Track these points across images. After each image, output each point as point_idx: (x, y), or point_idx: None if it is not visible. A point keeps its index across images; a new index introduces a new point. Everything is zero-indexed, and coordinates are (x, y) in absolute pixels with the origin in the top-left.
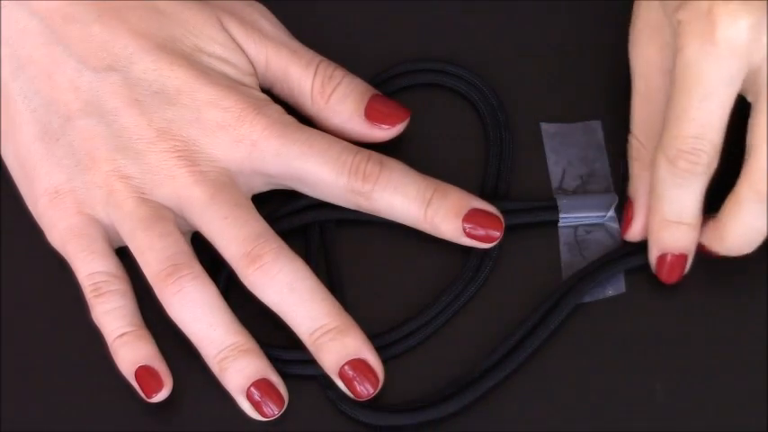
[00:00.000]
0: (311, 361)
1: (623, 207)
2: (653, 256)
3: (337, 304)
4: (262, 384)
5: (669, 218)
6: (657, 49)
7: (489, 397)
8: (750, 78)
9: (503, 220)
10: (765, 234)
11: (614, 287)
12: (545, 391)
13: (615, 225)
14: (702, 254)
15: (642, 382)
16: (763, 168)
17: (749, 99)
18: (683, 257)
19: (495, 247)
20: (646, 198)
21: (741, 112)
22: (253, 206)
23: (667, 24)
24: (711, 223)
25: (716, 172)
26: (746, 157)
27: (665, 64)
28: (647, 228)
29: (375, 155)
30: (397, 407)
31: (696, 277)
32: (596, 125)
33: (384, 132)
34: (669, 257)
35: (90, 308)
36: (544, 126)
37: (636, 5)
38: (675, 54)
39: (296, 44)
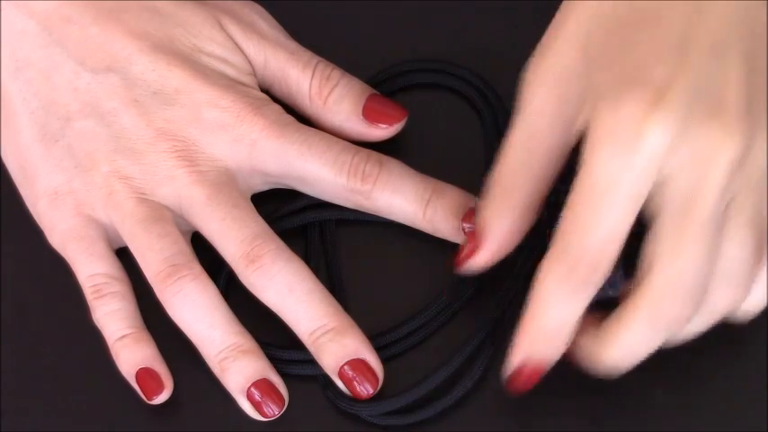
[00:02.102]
0: (311, 361)
1: (469, 238)
2: (514, 362)
3: (336, 304)
4: (262, 384)
5: (547, 331)
6: (560, 100)
7: (488, 396)
8: (654, 189)
9: None
10: (647, 353)
11: (614, 287)
12: (545, 390)
13: None
14: (570, 361)
15: (642, 383)
16: (663, 288)
17: (648, 211)
18: (542, 371)
19: None
20: (502, 236)
21: None
22: (252, 206)
23: (581, 85)
24: (591, 336)
25: None
26: (643, 273)
27: (564, 114)
28: (490, 262)
29: (374, 155)
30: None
31: None
32: None
33: (382, 132)
34: (529, 369)
35: (91, 309)
36: None
37: (552, 37)
38: (585, 150)
39: (294, 45)
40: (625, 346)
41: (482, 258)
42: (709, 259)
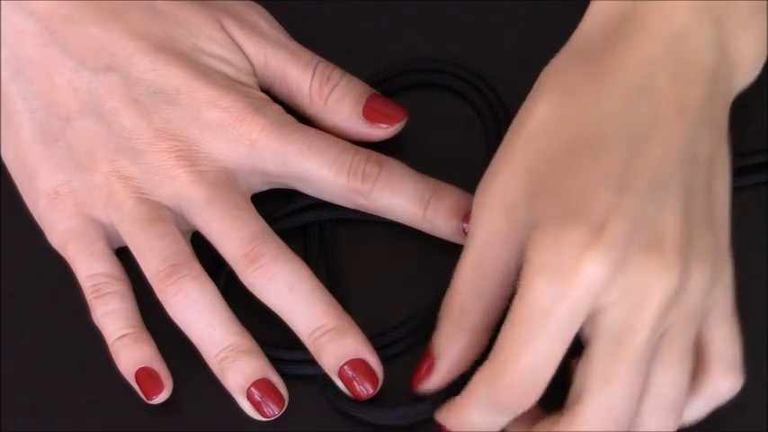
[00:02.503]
0: (311, 361)
1: (423, 358)
2: None
3: (336, 304)
4: (262, 384)
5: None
6: (507, 227)
7: None
8: (589, 318)
9: None
10: None
11: None
12: (545, 390)
13: None
14: None
15: None
16: (592, 416)
17: (583, 337)
18: None
19: None
20: (454, 362)
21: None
22: (252, 206)
23: (525, 213)
24: None
25: None
26: (573, 399)
27: (511, 240)
28: (441, 384)
29: (374, 155)
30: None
31: None
32: None
33: (382, 131)
34: None
35: (91, 309)
36: None
37: (499, 163)
38: (523, 276)
39: (294, 45)
40: None
41: (435, 381)
42: (638, 388)
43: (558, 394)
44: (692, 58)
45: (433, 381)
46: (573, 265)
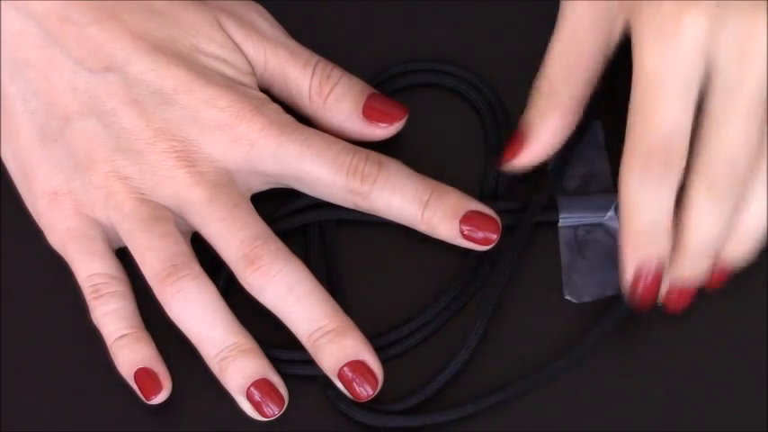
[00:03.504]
0: (311, 361)
1: (512, 136)
2: (629, 272)
3: (336, 305)
4: (262, 384)
5: (645, 229)
6: (597, 7)
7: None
8: (705, 81)
9: (500, 222)
10: (720, 233)
11: (614, 287)
12: (545, 390)
13: (615, 225)
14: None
15: (642, 382)
16: (716, 159)
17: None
18: (661, 273)
19: (493, 248)
20: (546, 135)
21: None
22: (252, 207)
23: None
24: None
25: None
26: (695, 154)
27: (601, 15)
28: (534, 162)
29: (374, 155)
30: (393, 408)
31: None
32: (596, 125)
33: (382, 131)
34: (644, 275)
35: (90, 309)
36: None
37: None
38: (634, 47)
39: (294, 44)
40: (699, 229)
41: (525, 157)
42: (755, 137)
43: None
44: None
45: (524, 157)
46: (675, 23)
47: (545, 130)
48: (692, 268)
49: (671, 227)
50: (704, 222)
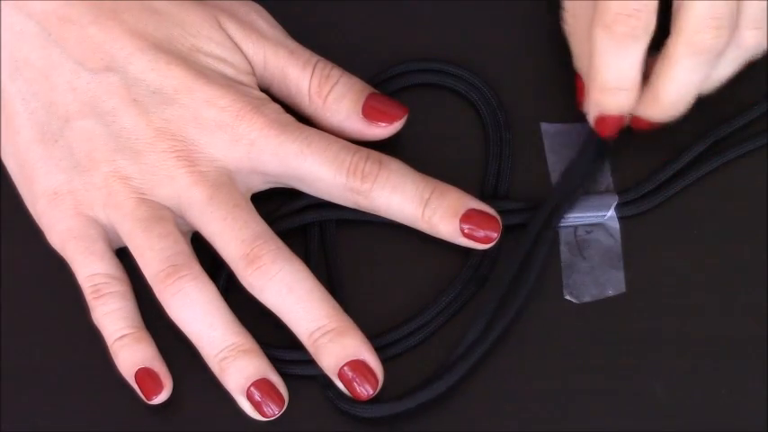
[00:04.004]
0: (311, 361)
1: (574, 81)
2: (592, 117)
3: (336, 305)
4: (262, 384)
5: (609, 85)
6: None
7: (489, 397)
8: None
9: (500, 221)
10: (698, 88)
11: (614, 287)
12: (545, 390)
13: (615, 225)
14: (637, 128)
15: (642, 382)
16: (697, 21)
17: None
18: (622, 117)
19: (493, 247)
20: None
21: None
22: (252, 206)
23: None
24: (645, 89)
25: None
26: (676, 11)
27: None
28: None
29: (374, 154)
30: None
31: (696, 277)
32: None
33: (382, 130)
34: (608, 119)
35: (90, 309)
36: (544, 126)
37: None
38: None
39: (293, 44)
40: (676, 83)
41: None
42: None
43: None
44: None
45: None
46: None
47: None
48: (661, 116)
49: (638, 81)
50: (681, 79)
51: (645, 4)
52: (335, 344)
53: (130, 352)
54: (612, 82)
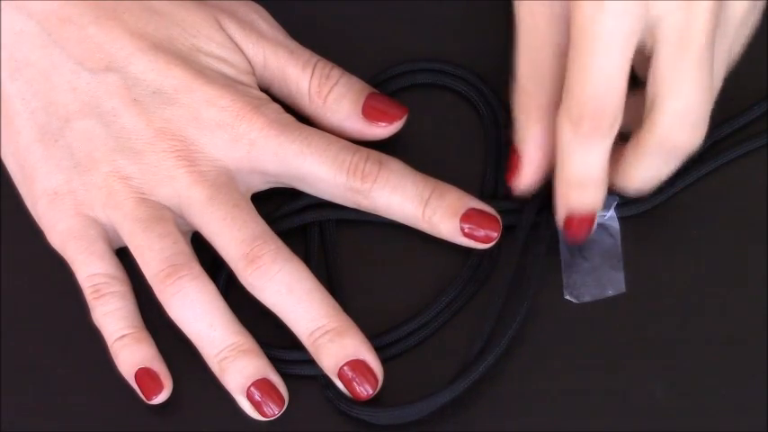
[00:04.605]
0: (311, 361)
1: (509, 156)
2: (560, 217)
3: (336, 305)
4: (262, 384)
5: (575, 181)
6: (549, 5)
7: (489, 398)
8: (648, 31)
9: (500, 220)
10: (668, 174)
11: (614, 287)
12: (545, 391)
13: (615, 225)
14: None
15: (642, 382)
16: (667, 119)
17: (648, 49)
18: (591, 217)
19: (494, 247)
20: (535, 152)
21: None
22: (252, 206)
23: None
24: (617, 166)
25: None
26: (648, 106)
27: (553, 12)
28: (534, 181)
29: (374, 154)
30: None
31: (696, 277)
32: None
33: (382, 130)
34: (576, 218)
35: (90, 309)
36: None
37: None
38: (570, 10)
39: (293, 44)
40: (645, 171)
41: (525, 175)
42: (710, 87)
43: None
44: None
45: (524, 175)
46: None
47: (533, 140)
48: (626, 193)
49: (605, 176)
50: (650, 171)
51: (610, 101)
52: (335, 344)
53: (130, 352)
54: (578, 177)
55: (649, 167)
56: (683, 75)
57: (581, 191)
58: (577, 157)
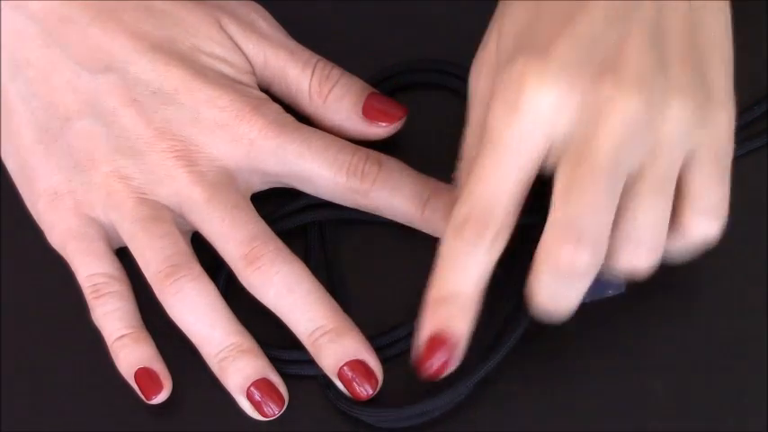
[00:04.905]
0: (311, 361)
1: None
2: (423, 335)
3: (336, 305)
4: (262, 384)
5: (449, 293)
6: (489, 86)
7: (490, 398)
8: (555, 146)
9: None
10: (579, 301)
11: (614, 287)
12: (545, 391)
13: None
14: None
15: (642, 382)
16: (555, 232)
17: (550, 169)
18: (455, 345)
19: None
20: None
21: None
22: (251, 206)
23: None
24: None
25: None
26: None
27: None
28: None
29: (374, 154)
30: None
31: (696, 277)
32: None
33: (382, 130)
34: (438, 340)
35: (90, 309)
36: None
37: (488, 32)
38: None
39: (293, 44)
40: (542, 294)
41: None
42: (605, 209)
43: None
44: None
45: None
46: (517, 92)
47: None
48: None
49: (478, 295)
50: (548, 294)
51: (498, 212)
52: (335, 344)
53: (130, 352)
54: (453, 286)
55: (545, 284)
56: (575, 186)
57: (454, 308)
58: (456, 265)
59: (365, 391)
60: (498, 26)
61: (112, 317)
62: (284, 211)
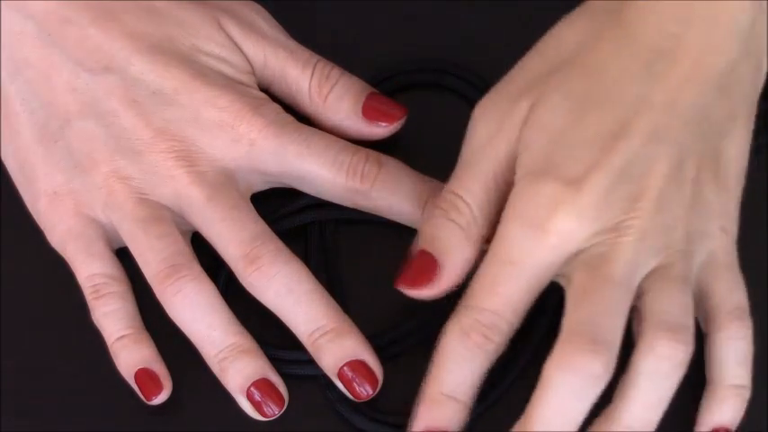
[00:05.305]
0: (311, 361)
1: (408, 260)
2: (417, 430)
3: (335, 305)
4: (262, 384)
5: (447, 391)
6: (491, 133)
7: (490, 398)
8: (570, 258)
9: None
10: (585, 414)
11: None
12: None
13: None
14: None
15: None
16: (567, 337)
17: (562, 284)
18: None
19: None
20: (458, 263)
21: None
22: (251, 207)
23: (509, 124)
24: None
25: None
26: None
27: (494, 152)
28: (446, 289)
29: (373, 154)
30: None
31: None
32: None
33: (382, 130)
34: None
35: (90, 309)
36: None
37: (511, 79)
38: (501, 219)
39: (293, 44)
40: (549, 403)
41: (440, 287)
42: (618, 312)
43: None
44: (723, 21)
45: (441, 286)
46: (545, 219)
47: (462, 261)
48: None
49: (472, 398)
50: (556, 406)
51: (507, 322)
52: (335, 344)
53: (130, 352)
54: (449, 388)
55: (554, 392)
56: (589, 291)
57: (446, 405)
58: (456, 368)
59: (365, 391)
60: (533, 96)
61: (113, 317)
62: (284, 211)
